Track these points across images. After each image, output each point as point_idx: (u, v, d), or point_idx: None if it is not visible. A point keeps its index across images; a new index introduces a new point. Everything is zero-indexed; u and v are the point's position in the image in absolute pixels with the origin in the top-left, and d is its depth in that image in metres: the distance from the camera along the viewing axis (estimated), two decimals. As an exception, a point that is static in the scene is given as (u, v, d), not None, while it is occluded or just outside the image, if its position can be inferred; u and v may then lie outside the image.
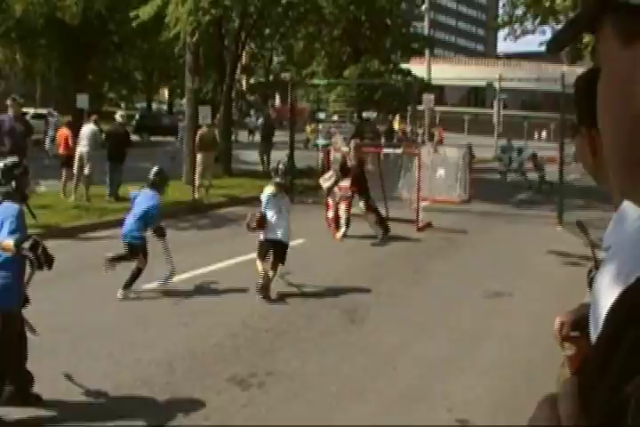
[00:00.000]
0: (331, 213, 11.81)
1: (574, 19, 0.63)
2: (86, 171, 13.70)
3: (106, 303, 7.35)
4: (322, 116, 25.54)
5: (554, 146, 35.43)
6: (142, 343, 6.17)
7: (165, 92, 57.55)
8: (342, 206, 11.60)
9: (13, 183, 4.84)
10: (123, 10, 22.61)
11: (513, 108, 51.93)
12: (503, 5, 22.02)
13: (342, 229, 11.55)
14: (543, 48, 21.06)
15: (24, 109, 15.64)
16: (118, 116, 15.48)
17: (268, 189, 8.27)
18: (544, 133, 45.72)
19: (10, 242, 4.44)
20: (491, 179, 21.08)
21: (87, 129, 14.08)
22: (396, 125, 31.59)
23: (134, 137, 23.20)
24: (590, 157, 1.58)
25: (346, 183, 11.61)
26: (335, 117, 23.72)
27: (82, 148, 13.83)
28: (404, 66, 29.68)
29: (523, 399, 5.10)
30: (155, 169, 8.08)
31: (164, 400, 5.07)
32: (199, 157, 15.56)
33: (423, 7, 32.81)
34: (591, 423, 0.57)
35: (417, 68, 31.99)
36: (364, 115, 27.57)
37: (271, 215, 8.02)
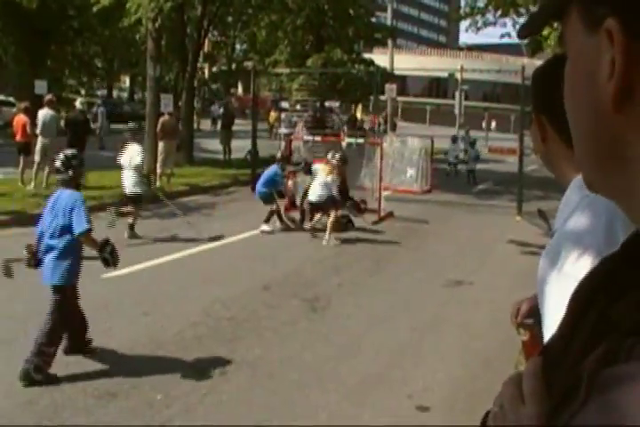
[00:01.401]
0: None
1: (543, 6, 0.64)
2: (38, 158, 13.39)
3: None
4: (284, 105, 25.43)
5: (503, 136, 35.93)
6: (102, 332, 6.10)
7: (126, 80, 56.73)
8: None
9: (70, 172, 5.42)
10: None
11: (474, 99, 52.37)
12: (465, -4, 22.16)
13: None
14: (504, 40, 21.28)
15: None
16: (78, 103, 15.21)
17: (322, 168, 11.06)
18: (493, 124, 46.07)
19: (95, 247, 5.40)
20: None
21: (44, 115, 13.70)
22: (359, 115, 31.66)
23: (94, 124, 22.83)
24: (541, 143, 1.63)
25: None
26: (298, 106, 23.62)
27: (43, 139, 13.47)
28: (366, 56, 29.69)
29: (482, 385, 5.18)
30: (280, 152, 12.49)
31: (125, 389, 5.03)
32: (161, 145, 15.39)
33: (386, -3, 32.88)
34: (552, 400, 0.58)
35: (379, 57, 32.02)
36: (327, 104, 27.53)
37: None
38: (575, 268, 1.34)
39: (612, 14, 0.51)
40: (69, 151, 5.70)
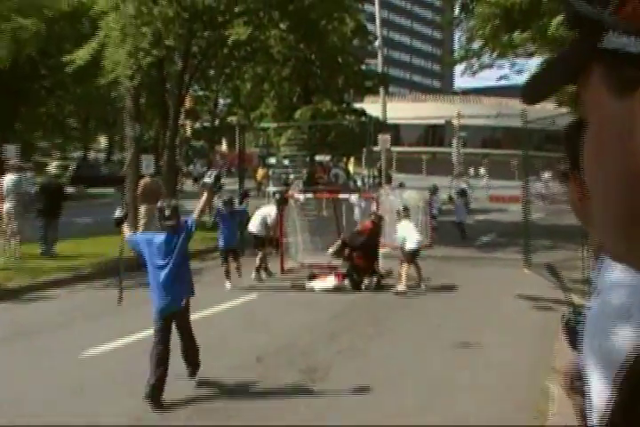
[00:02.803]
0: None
1: (552, 67, 0.62)
2: (13, 228, 13.39)
3: (42, 372, 7.19)
4: (272, 161, 25.62)
5: (505, 184, 35.99)
6: (82, 417, 6.03)
7: (103, 140, 57.34)
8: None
9: (174, 220, 6.72)
10: (55, 54, 22.66)
11: (472, 145, 52.83)
12: (459, 38, 22.57)
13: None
14: (502, 82, 21.41)
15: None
16: (52, 168, 15.38)
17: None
18: (482, 170, 42.75)
19: (210, 200, 7.35)
20: (450, 221, 21.31)
21: (7, 180, 13.71)
22: (351, 168, 31.89)
23: (70, 189, 22.99)
24: (577, 202, 1.67)
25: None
26: (286, 162, 23.81)
27: (8, 205, 13.51)
28: (357, 105, 30.10)
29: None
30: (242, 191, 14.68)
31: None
32: (142, 208, 15.37)
33: (376, 43, 33.33)
34: None
35: (371, 106, 32.46)
36: (317, 158, 27.74)
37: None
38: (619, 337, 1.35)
39: None
40: (166, 202, 6.96)
